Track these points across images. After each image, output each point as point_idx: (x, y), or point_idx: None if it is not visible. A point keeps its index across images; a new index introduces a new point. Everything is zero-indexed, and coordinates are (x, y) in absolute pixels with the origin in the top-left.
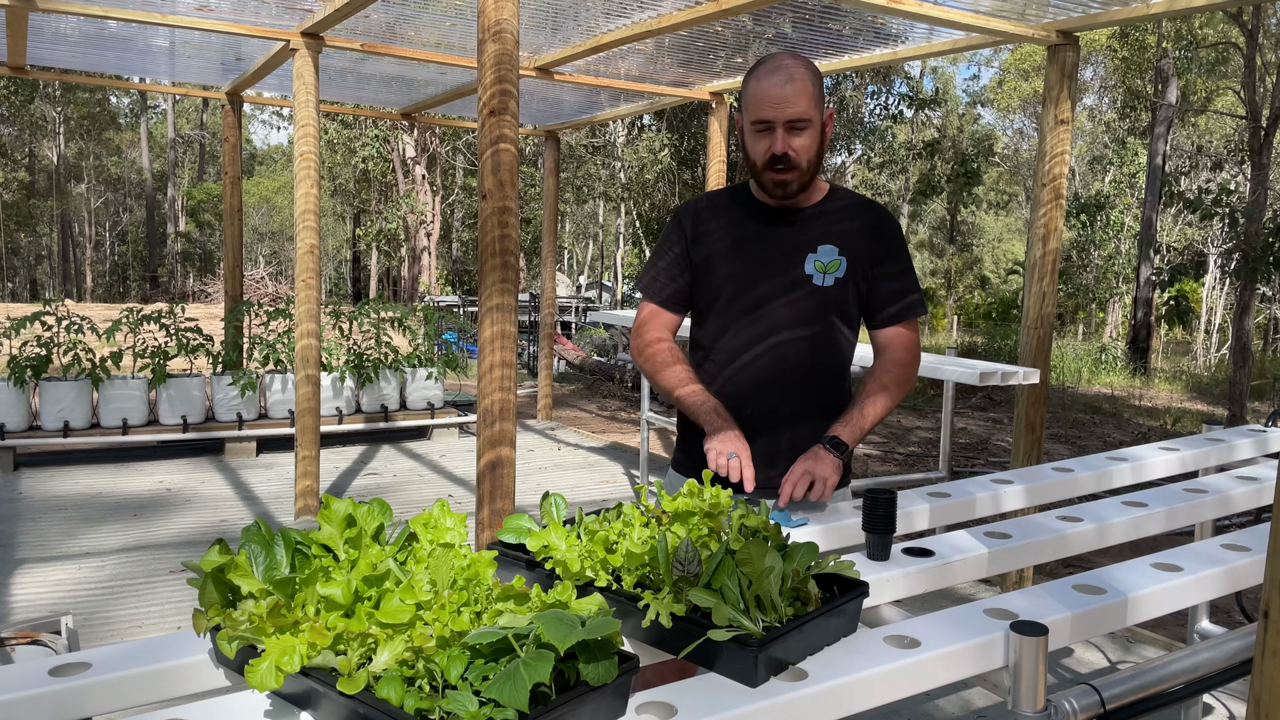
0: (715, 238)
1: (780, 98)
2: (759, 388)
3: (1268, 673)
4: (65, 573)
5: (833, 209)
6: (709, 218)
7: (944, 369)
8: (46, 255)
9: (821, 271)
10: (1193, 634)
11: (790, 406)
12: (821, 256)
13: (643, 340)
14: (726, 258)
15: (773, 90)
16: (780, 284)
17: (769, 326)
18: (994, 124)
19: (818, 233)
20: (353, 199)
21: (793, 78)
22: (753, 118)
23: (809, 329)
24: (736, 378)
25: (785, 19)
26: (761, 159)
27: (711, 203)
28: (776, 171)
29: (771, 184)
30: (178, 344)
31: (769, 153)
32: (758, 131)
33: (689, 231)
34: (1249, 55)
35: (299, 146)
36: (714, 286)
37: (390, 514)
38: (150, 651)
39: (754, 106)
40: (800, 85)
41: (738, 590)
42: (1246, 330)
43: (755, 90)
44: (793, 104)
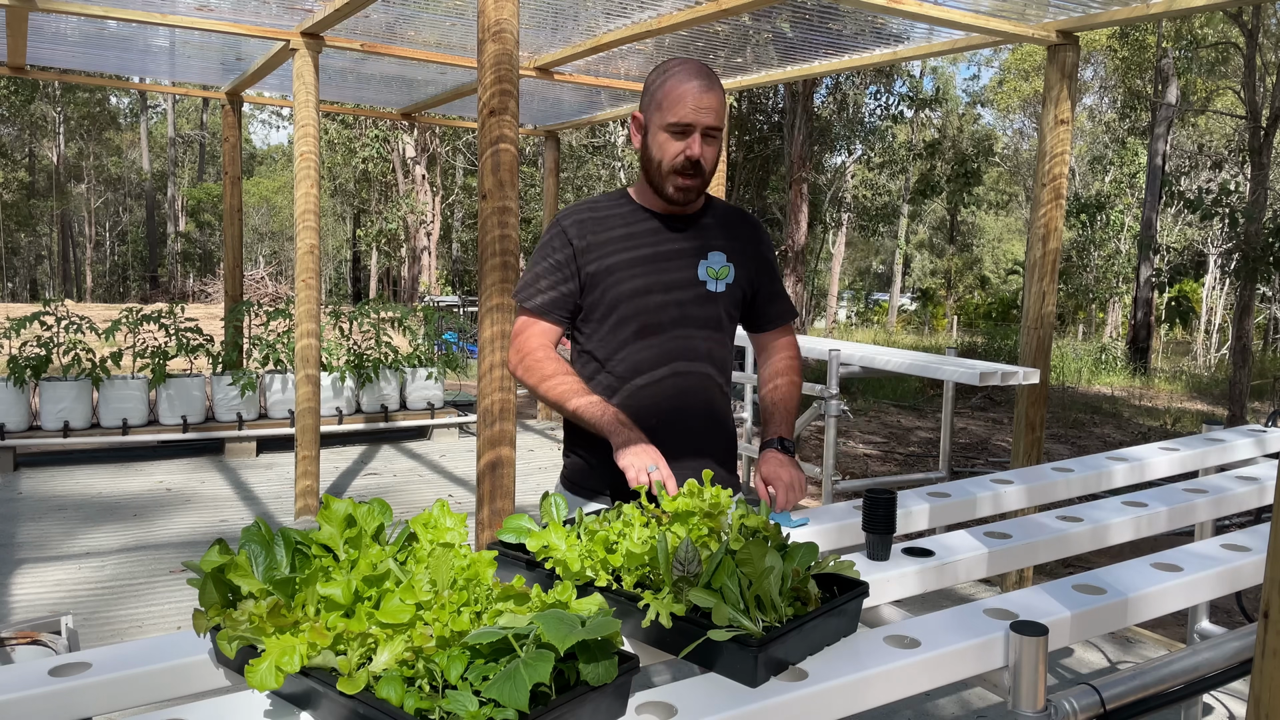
0: (609, 246)
1: (705, 103)
2: (666, 396)
3: (1268, 673)
4: (65, 573)
5: (717, 217)
6: (597, 226)
7: (944, 369)
8: (46, 255)
9: (714, 278)
10: (1193, 634)
11: (697, 412)
12: (712, 263)
13: (522, 351)
14: (623, 266)
15: (697, 94)
16: (679, 291)
17: (671, 335)
18: (994, 124)
19: (707, 240)
20: (353, 199)
21: (713, 86)
22: (672, 119)
23: (709, 335)
24: (642, 387)
25: (785, 19)
26: (671, 161)
27: (595, 211)
28: (685, 176)
29: (675, 188)
30: (178, 344)
31: (682, 156)
32: (673, 134)
33: (575, 241)
34: (1249, 55)
35: (299, 146)
36: (611, 296)
37: (390, 514)
38: (150, 651)
39: (673, 107)
40: (719, 95)
41: (738, 590)
42: (1246, 330)
43: (677, 91)
44: (714, 111)
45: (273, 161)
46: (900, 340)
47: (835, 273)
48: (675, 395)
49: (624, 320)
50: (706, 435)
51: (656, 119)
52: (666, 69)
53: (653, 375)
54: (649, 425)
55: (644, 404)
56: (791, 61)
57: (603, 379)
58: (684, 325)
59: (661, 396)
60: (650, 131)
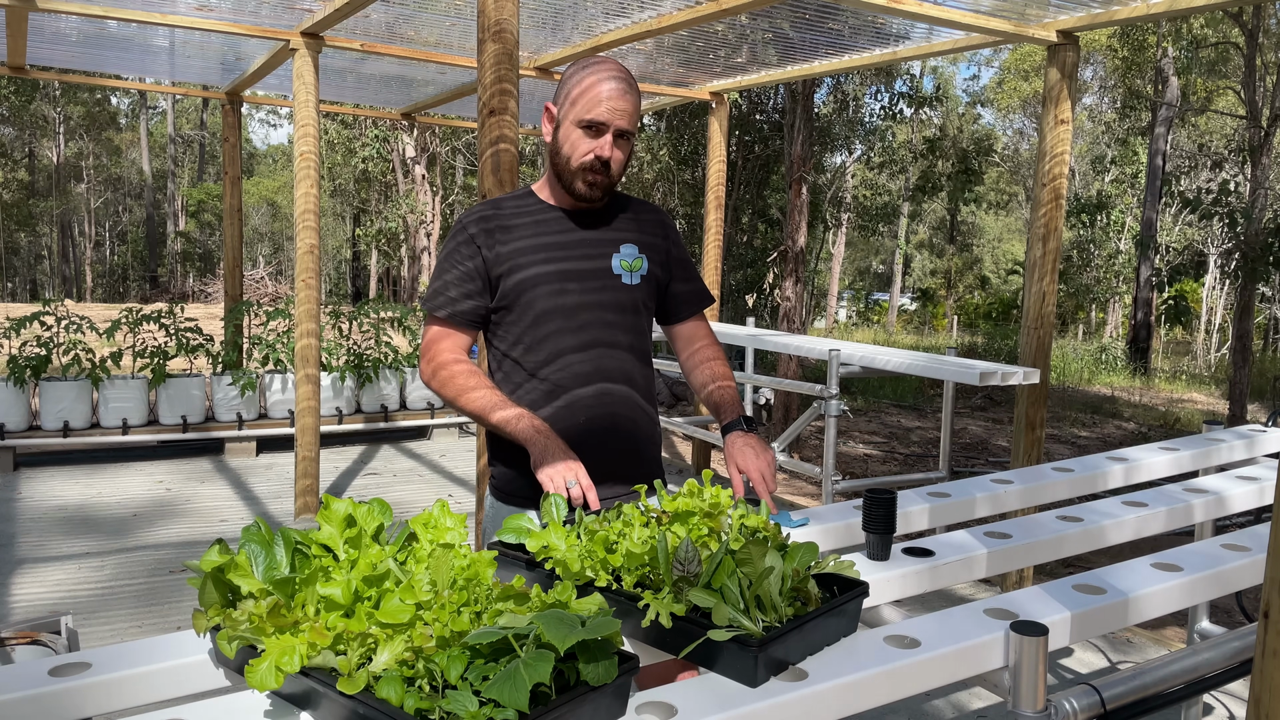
0: (518, 246)
1: (620, 106)
2: (589, 394)
3: (1268, 673)
4: (65, 573)
5: (624, 210)
6: (504, 227)
7: (944, 369)
8: (46, 255)
9: (628, 270)
10: (1193, 634)
11: (623, 408)
12: (625, 255)
13: (436, 362)
14: (536, 265)
15: (614, 95)
16: (594, 286)
17: (590, 331)
18: (994, 124)
19: (617, 233)
20: (353, 199)
21: (631, 89)
22: (585, 116)
23: (627, 328)
24: (563, 386)
25: (785, 19)
26: (580, 159)
27: (500, 211)
28: (594, 174)
29: (584, 185)
30: (178, 344)
31: (592, 155)
32: (585, 131)
33: (482, 243)
34: (1249, 55)
35: (299, 146)
36: (526, 295)
37: (390, 514)
38: (150, 651)
39: (588, 105)
40: (636, 100)
41: (738, 590)
42: (1246, 330)
43: (594, 90)
44: (629, 115)
45: (273, 161)
46: (900, 340)
47: (835, 273)
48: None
49: (541, 318)
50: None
51: (570, 113)
52: (586, 65)
53: (576, 370)
54: (576, 421)
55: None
56: (791, 61)
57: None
58: (602, 318)
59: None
60: (562, 126)
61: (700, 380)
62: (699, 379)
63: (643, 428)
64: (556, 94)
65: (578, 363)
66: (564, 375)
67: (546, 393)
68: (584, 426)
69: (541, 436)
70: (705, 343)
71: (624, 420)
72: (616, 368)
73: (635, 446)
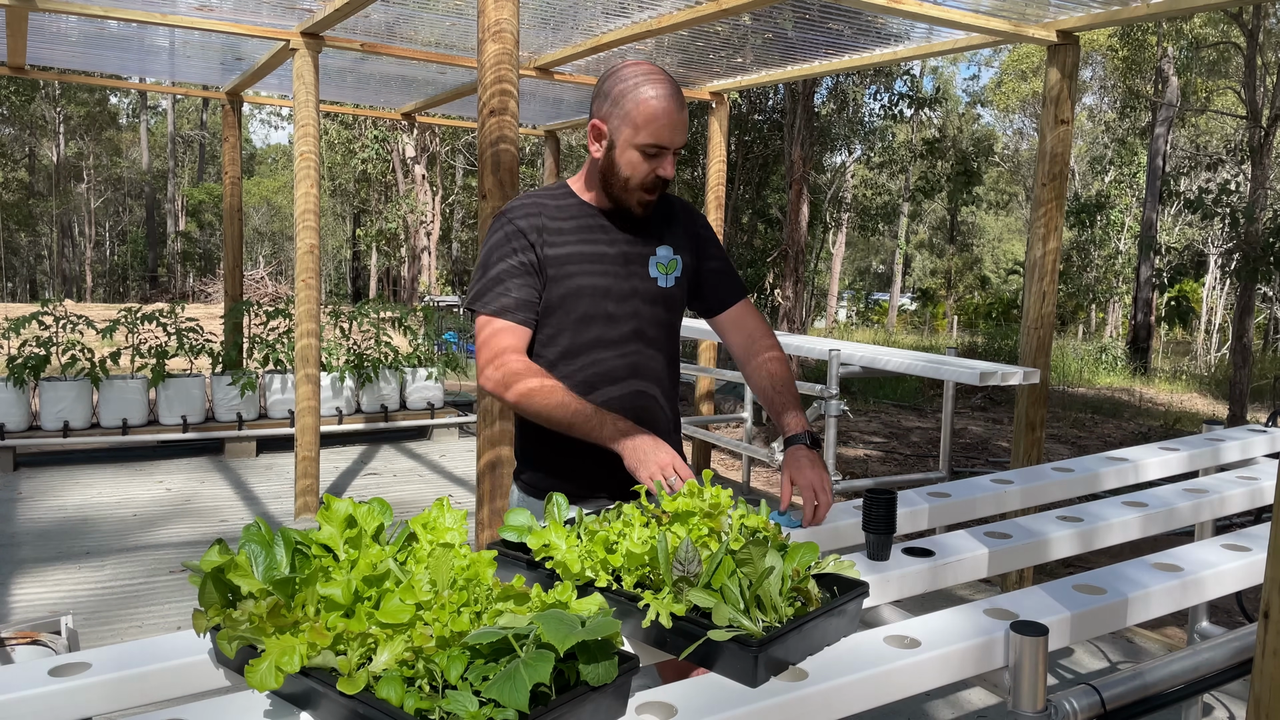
0: (565, 246)
1: (678, 124)
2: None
3: (1268, 673)
4: (65, 573)
5: (657, 210)
6: (550, 223)
7: (944, 369)
8: (46, 255)
9: (664, 273)
10: (1193, 634)
11: (650, 412)
12: (661, 258)
13: (506, 370)
14: (582, 274)
15: (673, 115)
16: (632, 290)
17: (627, 335)
18: (993, 124)
19: (653, 235)
20: (353, 199)
21: (683, 103)
22: (649, 140)
23: (661, 331)
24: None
25: (785, 19)
26: (642, 180)
27: (543, 207)
28: (651, 192)
29: (640, 205)
30: (178, 343)
31: (654, 175)
32: (648, 154)
33: (534, 240)
34: (1249, 55)
35: (299, 146)
36: (570, 303)
37: (391, 513)
38: (150, 651)
39: (651, 131)
40: (685, 113)
41: (738, 590)
42: (1247, 330)
43: (654, 110)
44: (685, 129)
45: (273, 161)
46: (900, 340)
47: (835, 273)
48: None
49: (582, 323)
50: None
51: (627, 135)
52: (633, 79)
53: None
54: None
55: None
56: (791, 61)
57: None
58: (639, 322)
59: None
60: (618, 147)
61: (759, 384)
62: (757, 382)
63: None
64: (602, 109)
65: (614, 367)
66: (599, 377)
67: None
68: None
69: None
70: (758, 334)
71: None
72: (649, 370)
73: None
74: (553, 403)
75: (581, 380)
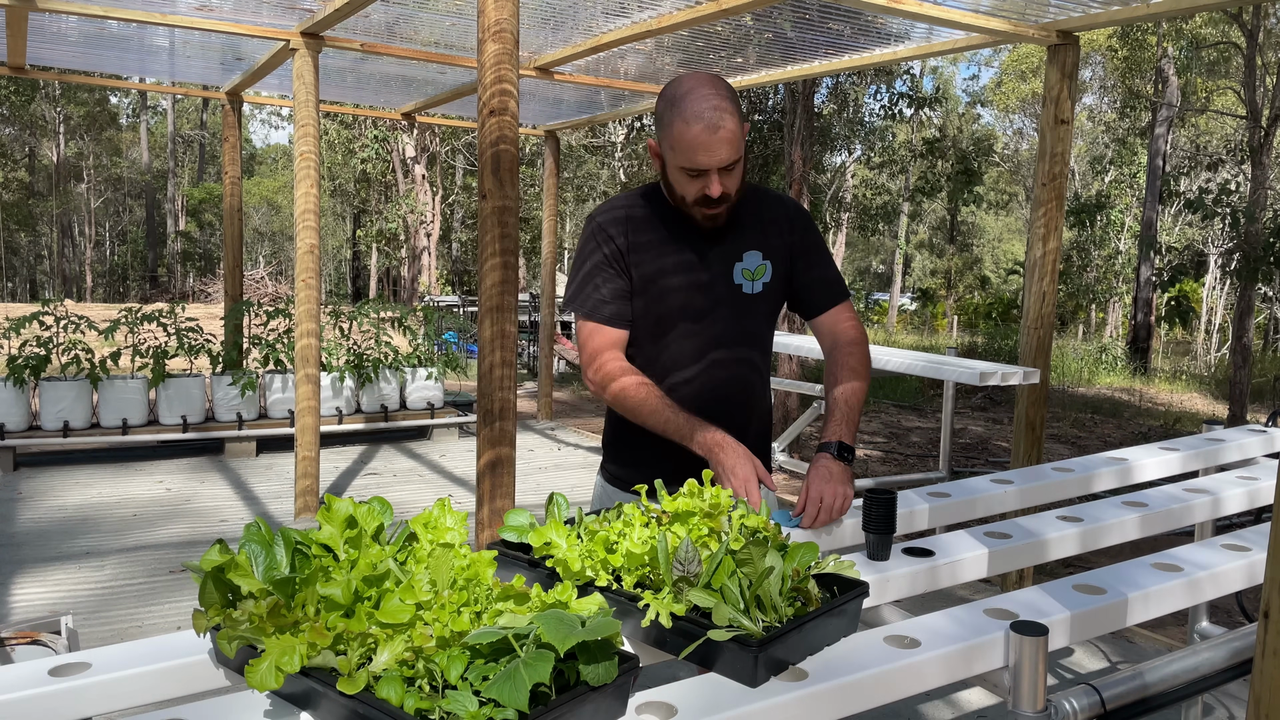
0: (647, 250)
1: (715, 146)
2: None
3: (1268, 673)
4: (65, 573)
5: (751, 210)
6: (636, 228)
7: (944, 369)
8: (46, 255)
9: (750, 279)
10: (1193, 634)
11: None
12: (748, 264)
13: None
14: (661, 272)
15: (706, 139)
16: (714, 297)
17: (705, 342)
18: (993, 124)
19: (741, 240)
20: (353, 199)
21: (723, 121)
22: (685, 164)
23: (744, 339)
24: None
25: (785, 19)
26: (695, 198)
27: (631, 211)
28: (710, 208)
29: (703, 218)
30: (178, 343)
31: (702, 193)
32: (690, 176)
33: (620, 242)
34: (1249, 55)
35: (299, 146)
36: (651, 308)
37: (391, 513)
38: (150, 651)
39: (684, 153)
40: (730, 127)
41: (738, 590)
42: (1246, 330)
43: (685, 136)
44: (727, 148)
45: (273, 161)
46: (900, 340)
47: None
48: (712, 393)
49: (663, 327)
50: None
51: (671, 157)
52: (675, 100)
53: (689, 377)
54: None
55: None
56: (791, 61)
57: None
58: (720, 329)
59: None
60: (668, 167)
61: (827, 391)
62: (830, 391)
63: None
64: (657, 130)
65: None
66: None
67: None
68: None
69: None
70: (842, 343)
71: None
72: (730, 378)
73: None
74: (646, 408)
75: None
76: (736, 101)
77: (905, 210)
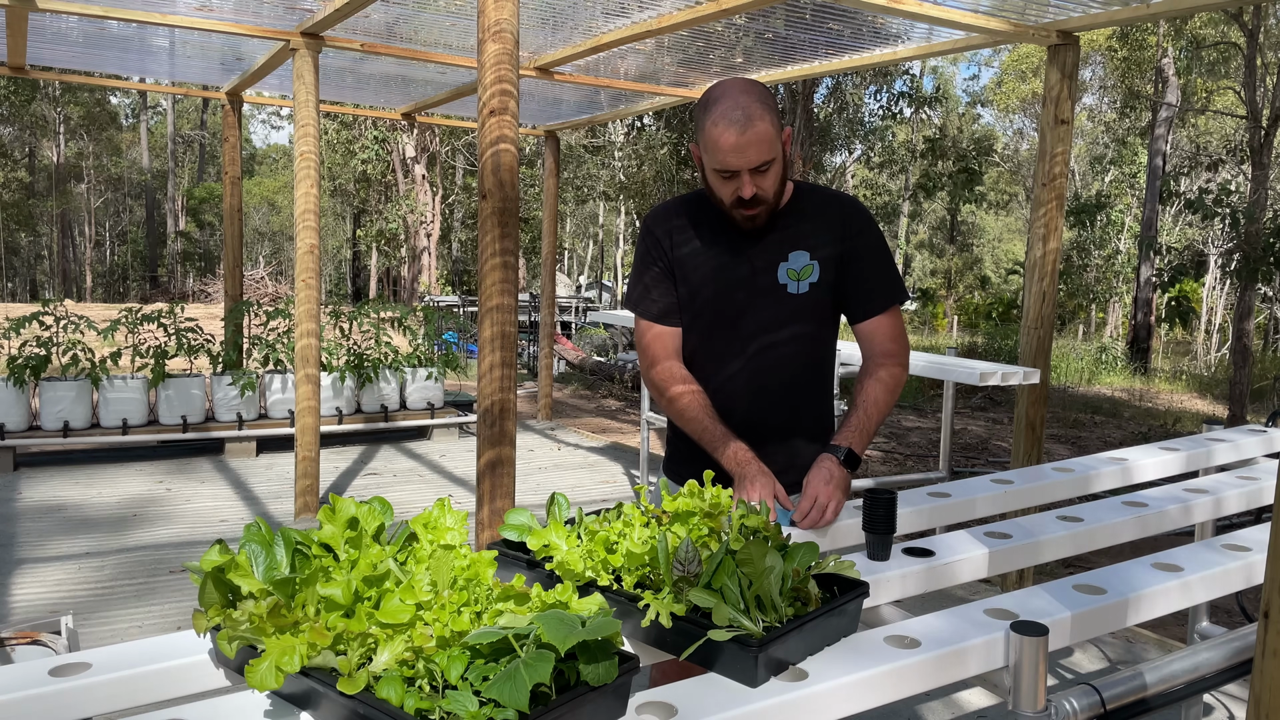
0: (690, 250)
1: (742, 147)
2: (740, 405)
3: (1268, 673)
4: (65, 573)
5: (800, 212)
6: (681, 228)
7: (944, 369)
8: (46, 255)
9: (795, 279)
10: (1193, 634)
11: (774, 420)
12: (793, 264)
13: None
14: (701, 272)
15: (733, 140)
16: (756, 297)
17: (747, 341)
18: (993, 124)
19: (788, 240)
20: (353, 199)
21: (751, 122)
22: (716, 165)
23: (787, 340)
24: (720, 391)
25: (785, 19)
26: (729, 200)
27: (679, 213)
28: (745, 209)
29: (741, 219)
30: (178, 344)
31: (736, 195)
32: (723, 177)
33: (665, 242)
34: (1249, 55)
35: (299, 146)
36: (690, 302)
37: (391, 513)
38: (150, 651)
39: (715, 154)
40: (760, 129)
41: (738, 590)
42: (1246, 330)
43: (715, 138)
44: (756, 149)
45: (273, 161)
46: None
47: None
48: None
49: (700, 324)
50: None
51: (706, 160)
52: (709, 103)
53: (732, 371)
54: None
55: (726, 399)
56: (791, 61)
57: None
58: (763, 329)
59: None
60: (706, 170)
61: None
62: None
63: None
64: (696, 129)
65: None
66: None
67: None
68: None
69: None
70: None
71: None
72: (774, 378)
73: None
74: (688, 415)
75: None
76: (771, 105)
77: (905, 210)
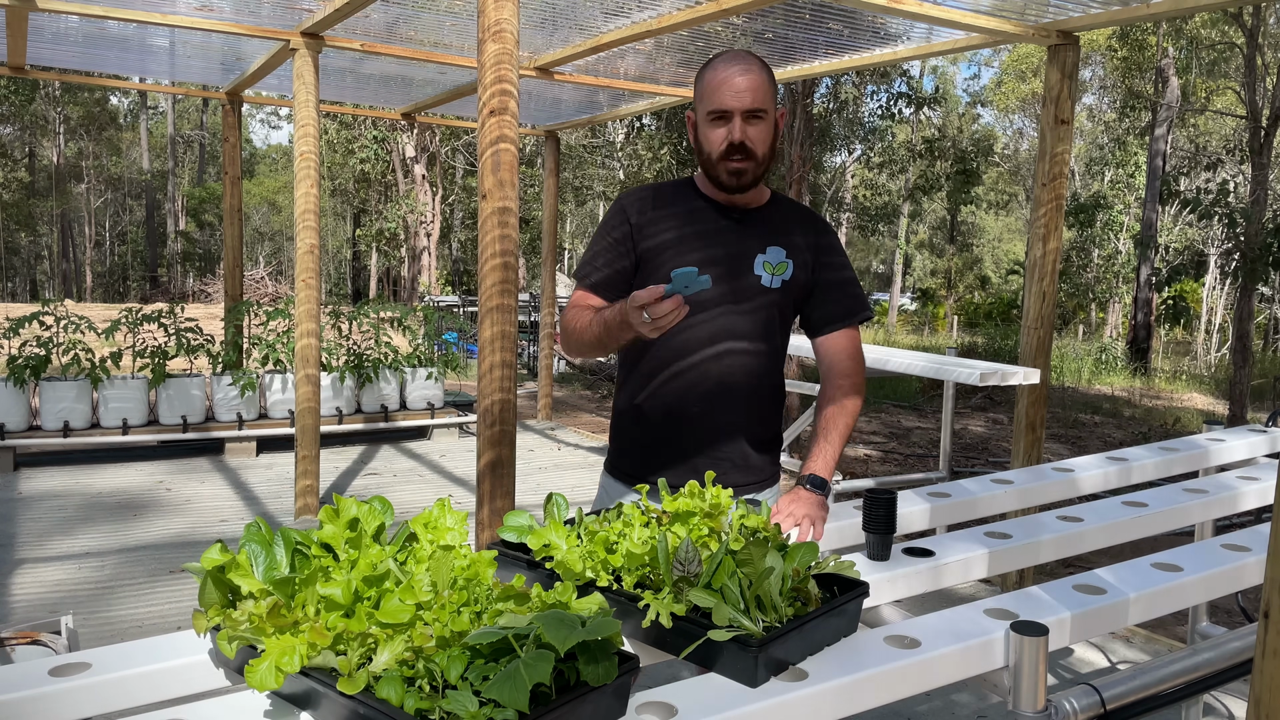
0: (663, 228)
1: (739, 87)
2: (703, 390)
3: (1268, 673)
4: (65, 573)
5: (778, 212)
6: (656, 207)
7: (944, 369)
8: (46, 255)
9: (770, 273)
10: (1193, 634)
11: (732, 410)
12: (770, 258)
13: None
14: (675, 250)
15: (732, 79)
16: (730, 283)
17: (717, 328)
18: (993, 124)
19: (766, 233)
20: (353, 199)
21: (750, 69)
22: (710, 107)
23: (755, 332)
24: (680, 378)
25: (784, 19)
26: (718, 148)
27: (657, 193)
28: (733, 160)
29: (727, 173)
30: (178, 344)
31: (726, 141)
32: (714, 121)
33: (634, 218)
34: (1249, 55)
35: (299, 146)
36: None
37: (392, 513)
38: (150, 651)
39: (712, 96)
40: (758, 77)
41: (738, 590)
42: (1246, 330)
43: (713, 79)
44: (751, 93)
45: (273, 161)
46: (900, 340)
47: None
48: (718, 381)
49: None
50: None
51: (702, 109)
52: (708, 62)
53: (695, 359)
54: (691, 410)
55: (685, 386)
56: (791, 61)
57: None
58: (733, 314)
59: (703, 380)
60: (699, 126)
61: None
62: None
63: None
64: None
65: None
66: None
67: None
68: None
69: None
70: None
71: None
72: (739, 365)
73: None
74: (584, 326)
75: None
76: (769, 71)
77: (905, 210)
